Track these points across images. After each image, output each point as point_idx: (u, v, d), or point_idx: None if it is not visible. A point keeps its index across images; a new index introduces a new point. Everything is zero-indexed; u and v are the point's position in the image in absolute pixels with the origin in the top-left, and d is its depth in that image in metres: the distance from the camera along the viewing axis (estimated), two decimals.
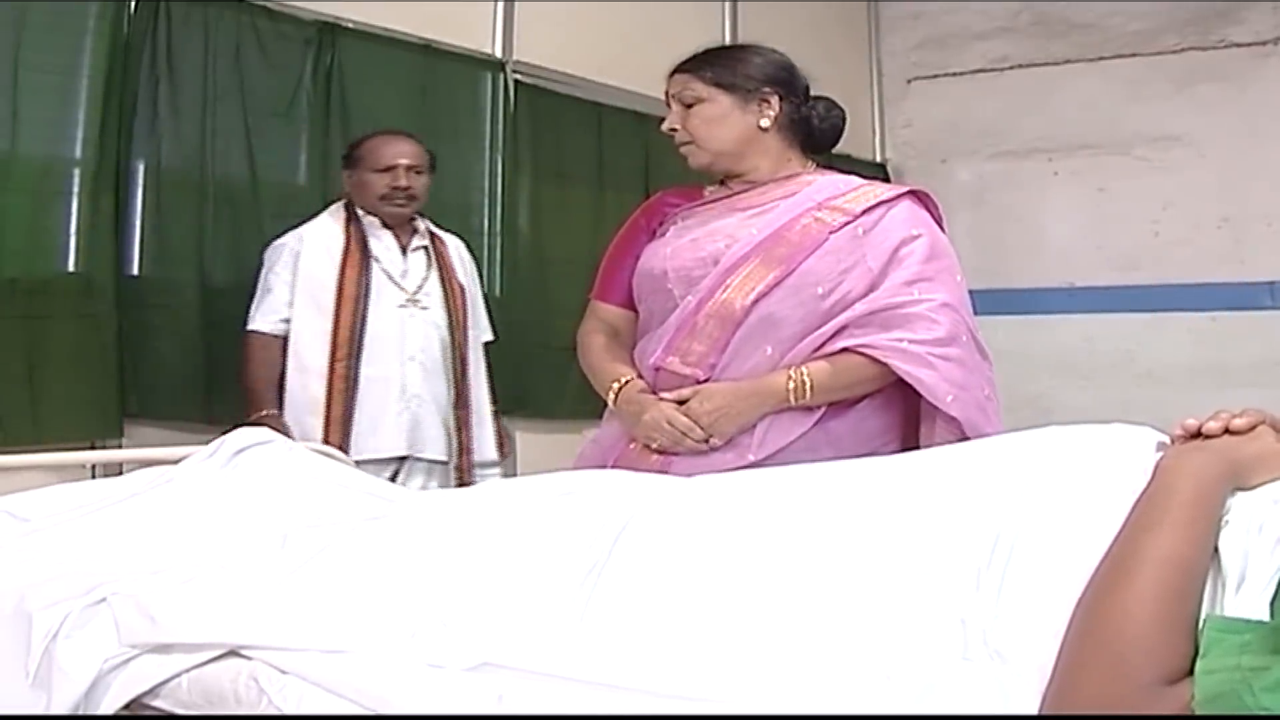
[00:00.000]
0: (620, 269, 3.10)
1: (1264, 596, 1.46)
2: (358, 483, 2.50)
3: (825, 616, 1.61)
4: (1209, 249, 6.76)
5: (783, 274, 2.85)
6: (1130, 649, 1.37)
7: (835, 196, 2.98)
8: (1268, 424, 1.75)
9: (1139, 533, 1.50)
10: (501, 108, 5.27)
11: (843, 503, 1.85)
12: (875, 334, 2.84)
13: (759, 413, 2.87)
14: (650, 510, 1.94)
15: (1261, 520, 1.54)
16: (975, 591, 1.56)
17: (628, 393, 2.92)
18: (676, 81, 3.03)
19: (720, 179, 3.08)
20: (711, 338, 2.87)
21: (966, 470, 1.87)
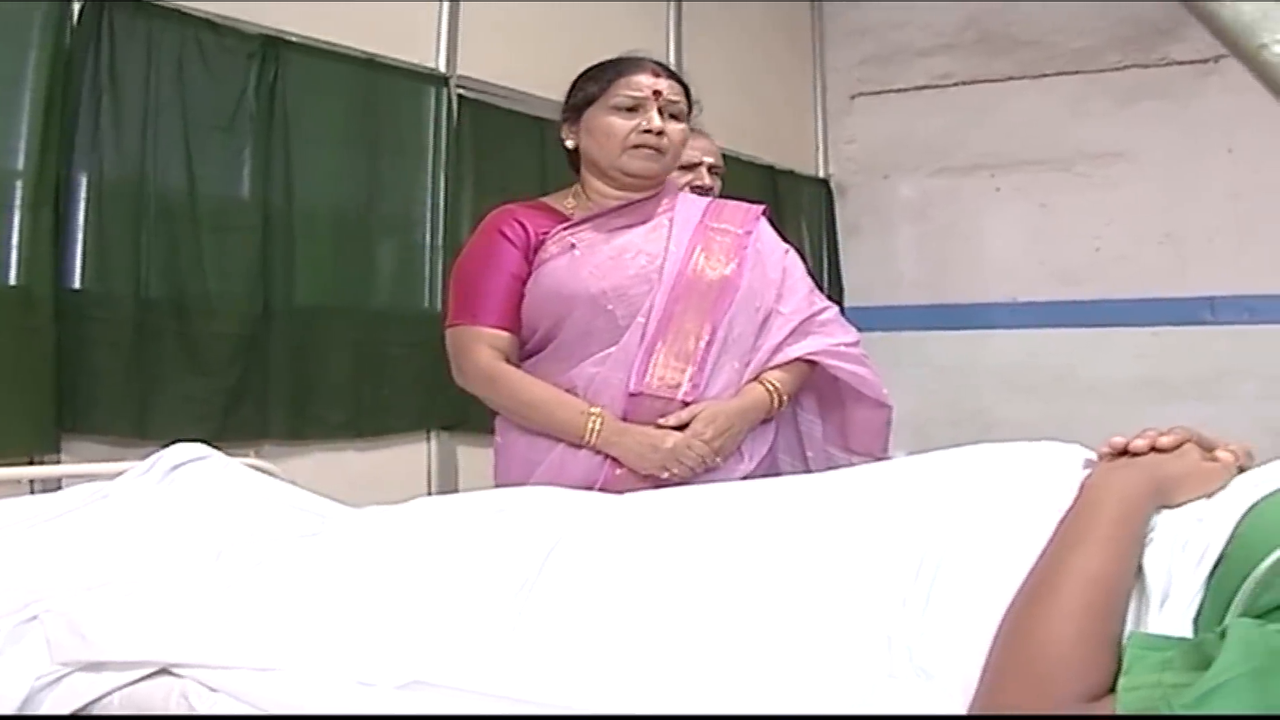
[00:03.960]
0: (495, 290, 2.98)
1: (1187, 614, 1.47)
2: (293, 499, 2.49)
3: (753, 633, 1.62)
4: (1150, 264, 6.81)
5: (734, 292, 2.92)
6: (1053, 666, 1.38)
7: (713, 217, 3.08)
8: (1194, 442, 1.77)
9: (1063, 550, 1.52)
10: (444, 122, 5.26)
11: (771, 520, 1.85)
12: (809, 341, 3.04)
13: (751, 427, 2.97)
14: (581, 527, 1.94)
15: (1186, 538, 1.55)
16: (901, 609, 1.57)
17: (612, 424, 2.86)
18: (671, 88, 3.02)
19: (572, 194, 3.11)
20: (690, 357, 2.89)
21: (894, 487, 1.87)
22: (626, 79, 2.98)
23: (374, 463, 4.91)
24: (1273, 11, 0.61)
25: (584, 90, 3.03)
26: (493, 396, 3.00)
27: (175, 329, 4.26)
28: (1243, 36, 0.62)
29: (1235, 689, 1.22)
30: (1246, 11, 0.61)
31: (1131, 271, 6.86)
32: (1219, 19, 0.62)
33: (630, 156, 2.97)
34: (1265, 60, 0.60)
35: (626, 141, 2.96)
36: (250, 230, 4.49)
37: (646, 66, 3.02)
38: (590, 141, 3.02)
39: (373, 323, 4.93)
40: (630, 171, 2.99)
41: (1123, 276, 6.87)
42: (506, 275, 2.96)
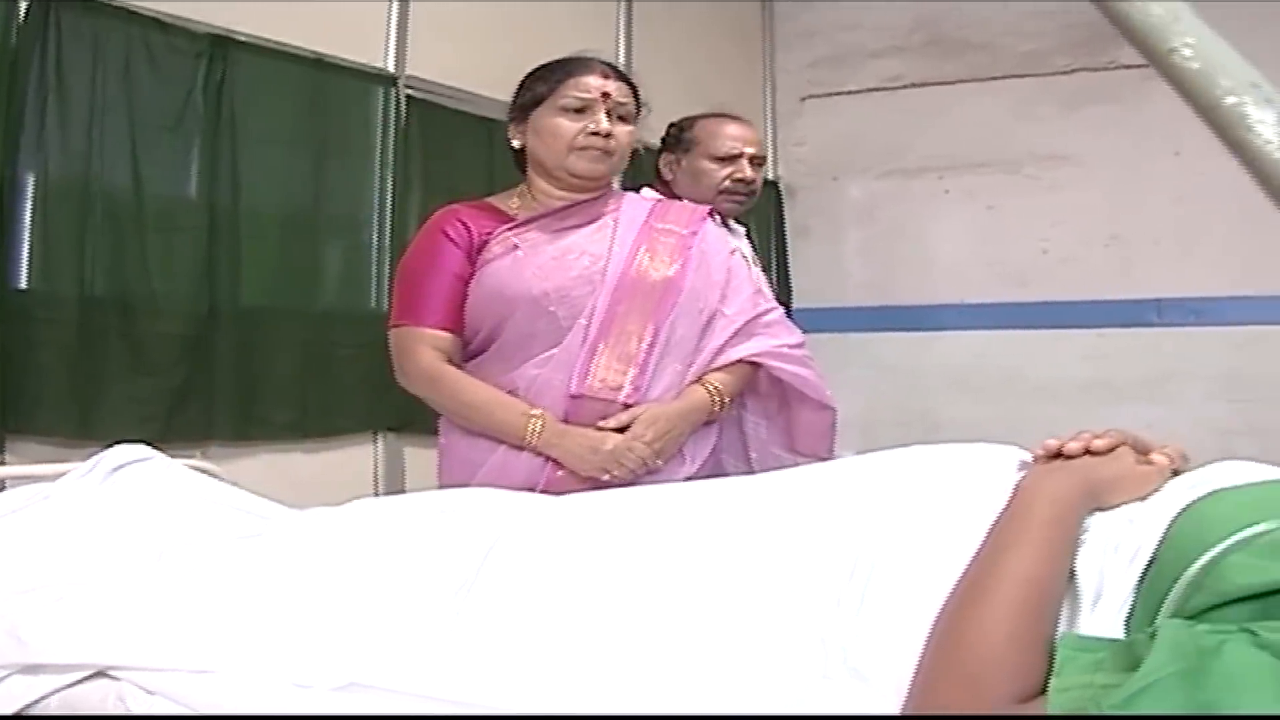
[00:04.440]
0: (437, 290, 2.99)
1: (1119, 615, 1.48)
2: (235, 500, 2.48)
3: (687, 634, 1.62)
4: (1097, 267, 6.84)
5: (677, 293, 2.92)
6: (984, 667, 1.39)
7: (658, 218, 3.11)
8: (1129, 445, 1.78)
9: (996, 552, 1.53)
10: (392, 122, 5.24)
11: (707, 521, 1.86)
12: (753, 343, 3.06)
13: (693, 429, 2.99)
14: (520, 529, 1.94)
15: (1118, 540, 1.57)
16: (835, 610, 1.57)
17: (553, 426, 2.88)
18: (620, 90, 3.04)
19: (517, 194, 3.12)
20: (632, 359, 2.91)
21: (829, 489, 1.88)
22: (575, 80, 2.98)
23: (321, 464, 4.88)
24: (1183, 15, 0.61)
25: (532, 90, 3.03)
26: (434, 397, 3.00)
27: (120, 329, 4.22)
28: (1152, 40, 0.62)
29: (1163, 689, 1.23)
30: (1156, 15, 0.61)
31: (1078, 273, 6.89)
32: (1130, 22, 0.62)
33: (577, 157, 2.97)
34: (1174, 64, 0.60)
35: (574, 143, 2.96)
36: (197, 230, 4.45)
37: (596, 68, 3.02)
38: (537, 142, 3.02)
39: (319, 323, 4.89)
40: (576, 172, 2.99)
41: (1070, 278, 6.90)
42: (449, 276, 2.97)
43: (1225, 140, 0.57)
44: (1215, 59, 0.59)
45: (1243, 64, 0.59)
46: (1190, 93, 0.60)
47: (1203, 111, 0.59)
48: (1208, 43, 0.60)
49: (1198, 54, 0.60)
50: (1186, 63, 0.60)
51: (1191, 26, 0.61)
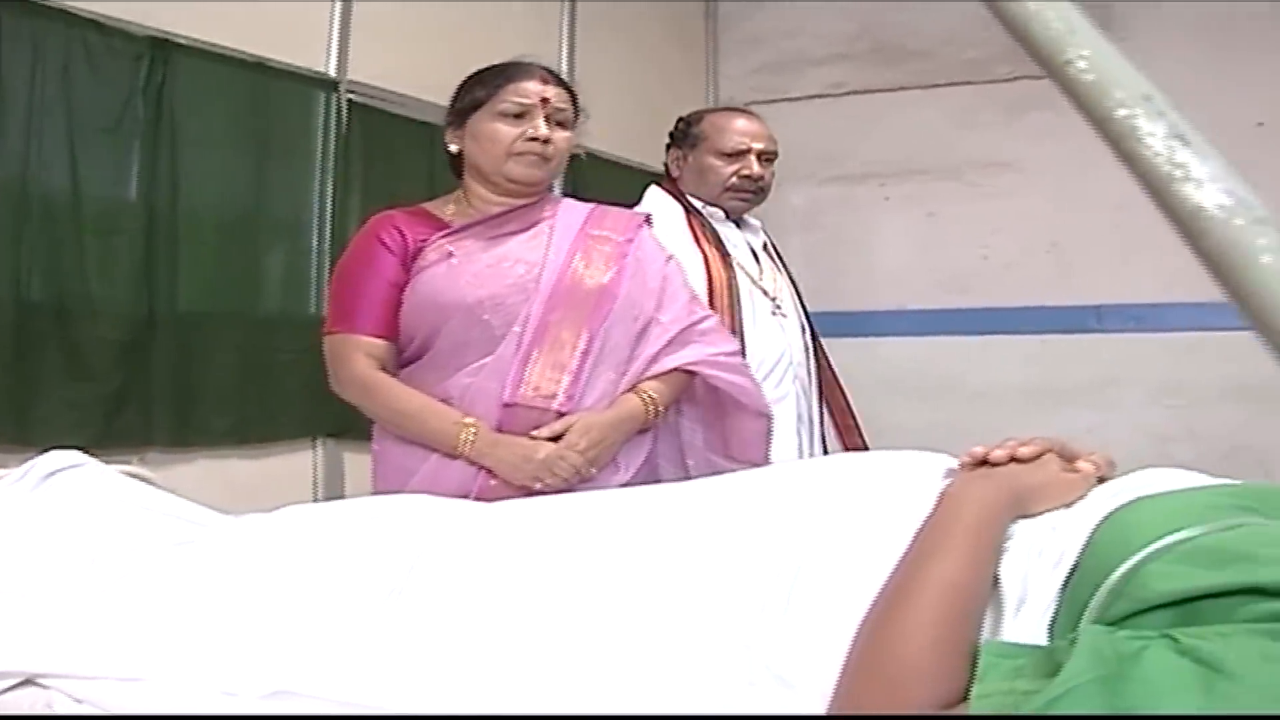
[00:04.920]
0: (372, 297, 2.96)
1: (1042, 621, 1.50)
2: (169, 507, 2.47)
3: (614, 641, 1.62)
4: (1037, 273, 6.88)
5: (611, 300, 2.92)
6: (906, 673, 1.40)
7: (594, 224, 3.10)
8: (1055, 452, 1.79)
9: (920, 559, 1.53)
10: (333, 127, 5.22)
11: (636, 529, 1.86)
12: (688, 350, 3.05)
13: (626, 438, 2.97)
14: (450, 536, 1.94)
15: (1042, 546, 1.58)
16: (760, 616, 1.58)
17: (485, 435, 2.86)
18: (559, 95, 3.03)
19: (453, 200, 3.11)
20: (566, 367, 2.90)
21: (755, 497, 1.88)
22: (515, 85, 2.97)
23: (260, 470, 4.86)
24: (1080, 28, 0.62)
25: (471, 95, 3.02)
26: (368, 405, 2.98)
27: (57, 333, 4.19)
28: (1049, 51, 0.62)
29: (1082, 695, 1.24)
30: (1054, 27, 0.62)
31: (1019, 280, 6.93)
32: (1028, 33, 0.63)
33: (515, 163, 2.96)
34: (1070, 76, 0.61)
35: (512, 148, 2.95)
36: (135, 234, 4.42)
37: (535, 73, 3.02)
38: (475, 147, 3.01)
39: (258, 328, 4.87)
40: (514, 178, 2.98)
41: (1010, 285, 6.93)
42: (384, 283, 2.95)
43: (1117, 152, 0.58)
44: (1110, 71, 0.60)
45: (1137, 76, 0.60)
46: (1085, 104, 0.61)
47: (1096, 123, 0.60)
48: (1103, 55, 0.61)
49: (1093, 66, 0.60)
50: (1082, 74, 0.60)
51: (1088, 39, 0.62)
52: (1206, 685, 1.23)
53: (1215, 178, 0.54)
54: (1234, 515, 1.50)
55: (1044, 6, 0.63)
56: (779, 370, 3.80)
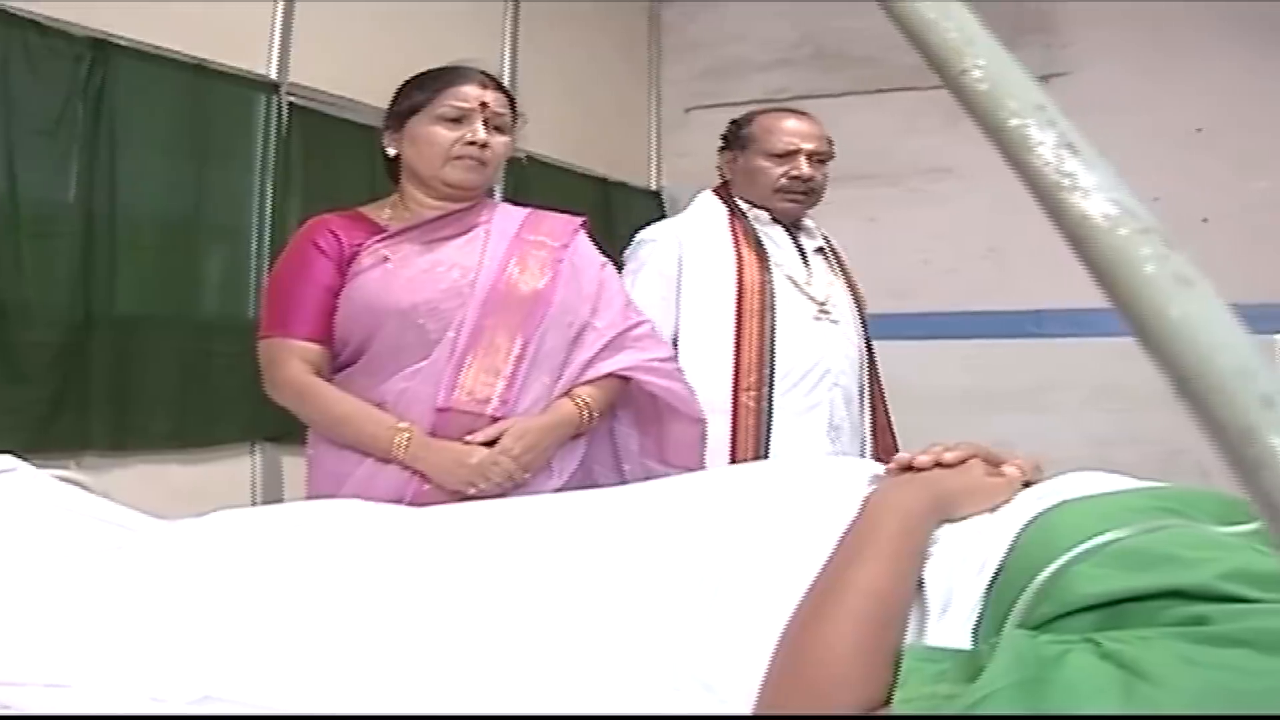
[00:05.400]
0: (307, 302, 2.95)
1: (967, 625, 1.50)
2: (100, 512, 2.45)
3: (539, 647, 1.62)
4: (977, 278, 6.91)
5: (546, 305, 2.92)
6: (829, 678, 1.40)
7: (530, 229, 3.10)
8: (981, 457, 1.81)
9: (843, 564, 1.54)
10: (274, 130, 5.20)
11: (563, 535, 1.86)
12: (622, 356, 3.06)
13: (561, 443, 2.97)
14: (380, 540, 1.94)
15: (966, 551, 1.58)
16: (685, 623, 1.58)
17: (420, 439, 2.85)
18: (497, 100, 3.04)
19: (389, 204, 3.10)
20: (500, 372, 2.90)
21: (683, 504, 1.89)
22: (454, 89, 2.97)
23: (198, 474, 4.83)
24: (978, 38, 0.63)
25: (410, 98, 3.02)
26: (302, 410, 2.97)
27: None
28: (947, 61, 0.63)
29: (1002, 699, 1.24)
30: (952, 37, 0.63)
31: (959, 285, 6.96)
32: (925, 42, 0.63)
33: (452, 167, 2.96)
34: (964, 85, 0.62)
35: (450, 152, 2.95)
36: (72, 236, 4.39)
37: (474, 77, 3.02)
38: (413, 150, 3.01)
39: (197, 332, 4.84)
40: (451, 182, 2.98)
41: (951, 290, 6.96)
42: (319, 287, 2.94)
43: (1009, 160, 0.58)
44: (1004, 81, 0.61)
45: (1031, 86, 0.61)
46: (979, 114, 0.61)
47: (990, 132, 0.61)
48: (998, 65, 0.62)
49: (987, 76, 0.61)
50: (976, 84, 0.61)
51: (985, 49, 0.63)
52: (1127, 689, 1.24)
53: (1102, 187, 0.55)
54: (1158, 518, 1.51)
55: (942, 17, 0.64)
56: (810, 378, 3.74)
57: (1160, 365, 0.54)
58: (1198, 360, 0.52)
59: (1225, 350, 0.52)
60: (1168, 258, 0.54)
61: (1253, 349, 0.52)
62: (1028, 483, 1.80)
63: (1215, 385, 0.51)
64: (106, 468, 4.39)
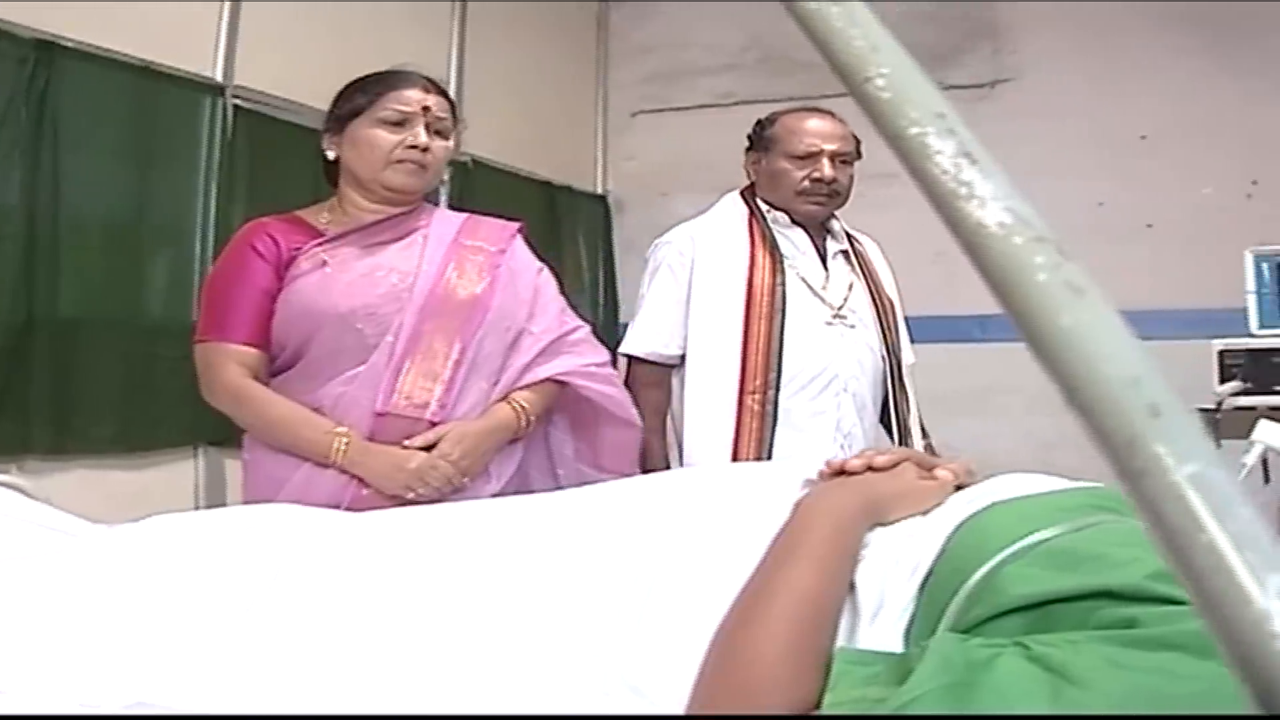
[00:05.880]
0: (244, 306, 2.94)
1: (898, 628, 1.51)
2: (39, 517, 2.43)
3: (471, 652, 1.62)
4: (923, 283, 6.89)
5: (484, 311, 2.92)
6: (759, 681, 1.41)
7: (467, 234, 3.10)
8: (913, 462, 1.82)
9: (774, 568, 1.54)
10: (219, 132, 5.16)
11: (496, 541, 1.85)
12: (559, 361, 3.08)
13: (499, 447, 2.98)
14: (315, 545, 1.93)
15: (897, 554, 1.59)
16: (615, 627, 1.58)
17: (358, 444, 2.85)
18: (439, 104, 3.03)
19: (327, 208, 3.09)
20: (438, 377, 2.89)
21: (616, 509, 1.89)
22: (396, 93, 2.97)
23: (140, 479, 4.79)
24: (883, 46, 0.63)
25: (351, 101, 3.01)
26: (240, 414, 2.96)
27: None
28: (851, 69, 0.63)
29: (930, 702, 1.25)
30: (857, 45, 0.63)
31: (905, 289, 6.96)
32: (831, 49, 0.64)
33: (393, 171, 2.96)
34: (867, 93, 0.62)
35: (391, 156, 2.95)
36: (15, 239, 4.35)
37: (416, 81, 3.02)
38: (353, 153, 3.00)
39: (141, 335, 4.79)
40: (391, 186, 2.98)
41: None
42: (257, 291, 2.93)
43: (909, 168, 0.59)
44: (906, 89, 0.61)
45: (932, 94, 0.61)
46: (881, 121, 0.62)
47: (891, 140, 0.61)
48: (901, 73, 0.62)
49: (890, 84, 0.61)
50: (879, 92, 0.61)
51: (889, 57, 0.63)
52: (1055, 692, 1.24)
53: (998, 196, 0.56)
54: (1089, 516, 1.53)
55: (849, 24, 0.64)
56: (818, 383, 3.71)
57: (1050, 374, 0.54)
58: (1086, 369, 0.52)
59: (1113, 359, 0.52)
60: (1060, 266, 0.55)
61: (1141, 358, 0.53)
62: (960, 486, 1.81)
63: (1103, 394, 0.52)
64: (48, 472, 4.35)
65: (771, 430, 3.59)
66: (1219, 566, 0.47)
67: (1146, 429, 0.50)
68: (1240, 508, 0.48)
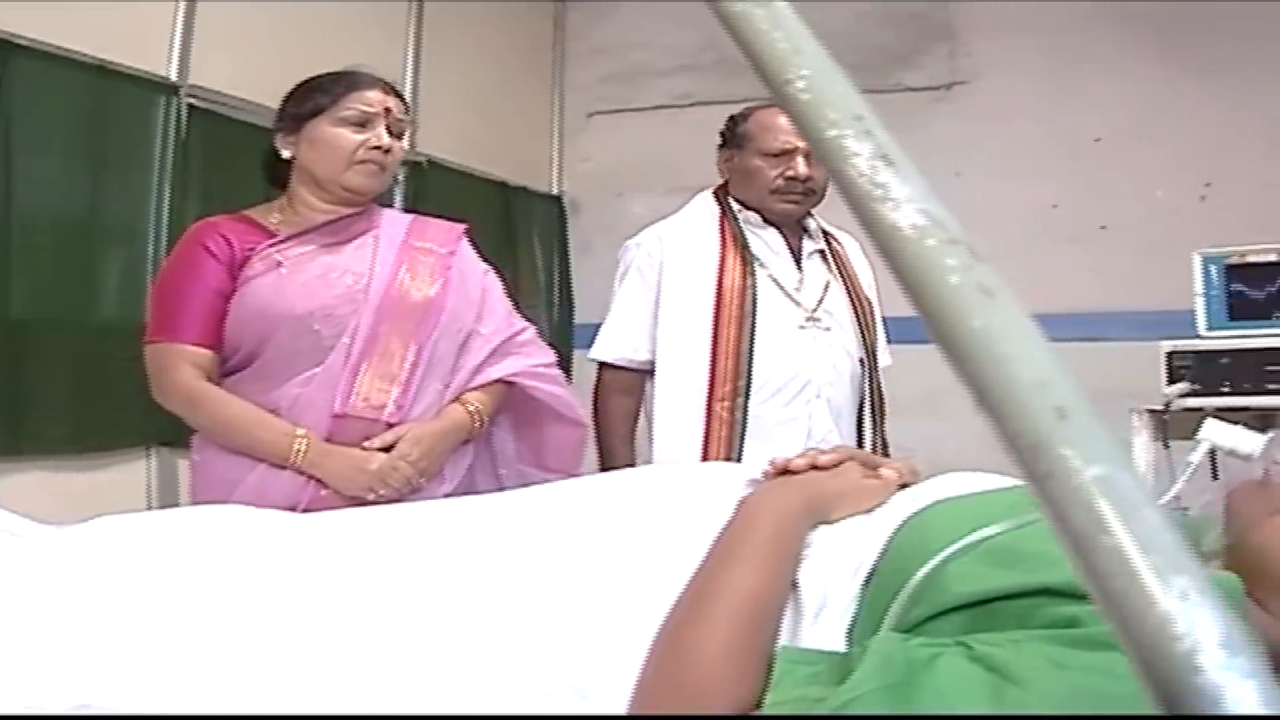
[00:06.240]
0: (197, 306, 2.91)
1: (841, 627, 1.51)
2: None
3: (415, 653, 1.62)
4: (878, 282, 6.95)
5: (439, 313, 2.93)
6: (701, 681, 1.41)
7: (416, 236, 3.10)
8: (857, 461, 1.82)
9: (716, 567, 1.55)
10: (173, 132, 5.12)
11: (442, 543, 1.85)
12: (509, 362, 3.09)
13: (454, 448, 2.99)
14: (263, 546, 1.92)
15: (840, 553, 1.59)
16: (558, 628, 1.58)
17: (318, 446, 2.84)
18: (398, 106, 3.03)
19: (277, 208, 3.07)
20: (395, 378, 2.90)
21: (556, 509, 1.89)
22: (358, 93, 2.96)
23: (94, 479, 4.76)
24: (805, 48, 0.63)
25: (312, 100, 2.99)
26: (194, 416, 2.94)
27: None
28: (773, 71, 0.64)
29: (869, 702, 1.25)
30: (780, 48, 0.63)
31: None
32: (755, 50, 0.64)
33: (355, 171, 2.95)
34: (788, 95, 0.62)
35: (354, 156, 2.94)
36: None
37: (377, 83, 3.02)
38: (313, 153, 2.98)
39: (94, 335, 4.75)
40: (351, 186, 2.97)
41: None
42: (209, 291, 2.90)
43: (829, 169, 0.59)
44: (826, 92, 0.61)
45: (852, 97, 0.61)
46: (802, 123, 0.62)
47: (812, 142, 0.61)
48: (822, 75, 0.62)
49: (810, 86, 0.62)
50: (800, 94, 0.61)
51: (811, 60, 0.63)
52: (996, 692, 1.25)
53: (912, 199, 0.56)
54: (1031, 513, 1.53)
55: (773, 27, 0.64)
56: (790, 389, 3.60)
57: (961, 376, 0.54)
58: (995, 371, 0.53)
59: (1022, 361, 0.53)
60: (972, 268, 0.55)
61: (1050, 360, 0.53)
62: (905, 485, 1.81)
63: (1011, 396, 0.52)
64: (1, 473, 4.32)
65: (741, 439, 3.49)
66: (1123, 569, 0.48)
67: (1053, 431, 0.50)
68: (1145, 510, 0.49)
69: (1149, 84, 6.28)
